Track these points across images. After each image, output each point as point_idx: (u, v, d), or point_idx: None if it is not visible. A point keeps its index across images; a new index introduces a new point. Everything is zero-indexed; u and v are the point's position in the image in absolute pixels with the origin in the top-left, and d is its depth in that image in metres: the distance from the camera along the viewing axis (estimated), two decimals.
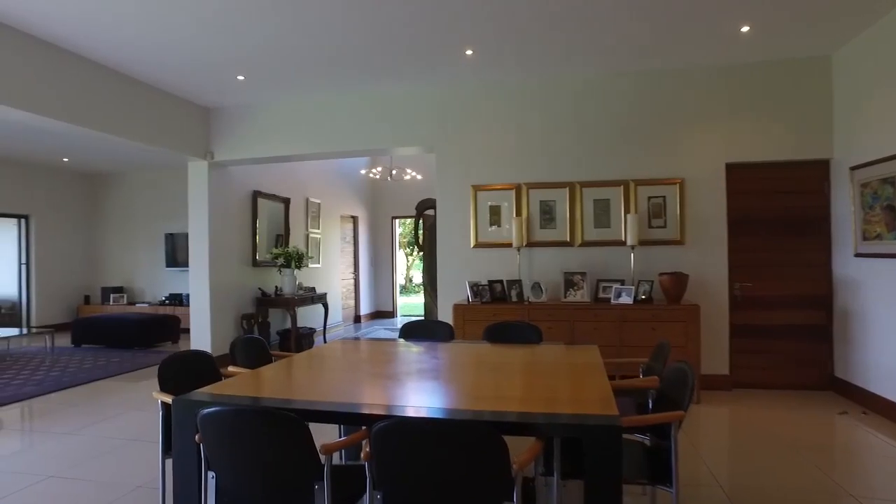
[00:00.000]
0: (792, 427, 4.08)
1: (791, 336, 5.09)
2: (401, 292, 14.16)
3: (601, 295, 5.21)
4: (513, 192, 5.57)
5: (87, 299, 10.42)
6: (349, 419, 2.01)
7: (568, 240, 5.43)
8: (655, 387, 2.45)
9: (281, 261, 7.00)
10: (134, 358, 7.09)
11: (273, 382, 2.47)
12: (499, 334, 3.65)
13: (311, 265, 8.56)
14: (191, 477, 2.06)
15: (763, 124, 5.04)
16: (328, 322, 8.72)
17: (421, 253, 7.48)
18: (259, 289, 7.16)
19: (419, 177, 9.67)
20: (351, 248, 10.62)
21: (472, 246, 5.65)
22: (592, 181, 5.38)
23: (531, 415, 1.87)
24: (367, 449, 1.67)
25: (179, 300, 9.75)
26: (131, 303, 10.16)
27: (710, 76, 5.14)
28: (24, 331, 7.77)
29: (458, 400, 2.15)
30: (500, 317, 5.08)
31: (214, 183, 6.41)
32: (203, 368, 2.71)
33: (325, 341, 8.10)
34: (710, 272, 5.12)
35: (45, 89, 4.44)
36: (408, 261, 19.71)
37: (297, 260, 7.08)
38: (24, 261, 9.75)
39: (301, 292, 7.40)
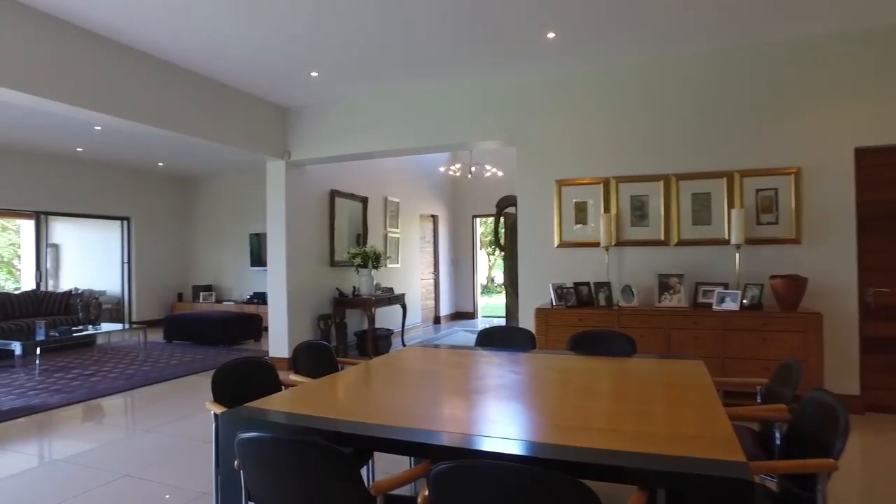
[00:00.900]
0: None
1: None
2: (482, 293, 13.87)
3: (700, 300, 4.65)
4: (600, 187, 5.11)
5: (179, 297, 10.91)
6: (407, 449, 1.72)
7: (662, 238, 4.90)
8: (784, 419, 1.98)
9: (358, 260, 6.89)
10: (217, 355, 7.23)
11: (330, 397, 2.23)
12: (586, 344, 3.25)
13: (389, 265, 8.44)
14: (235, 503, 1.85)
15: None
16: (406, 323, 8.56)
17: (502, 253, 7.14)
18: (336, 289, 7.09)
19: (500, 173, 9.32)
20: (431, 248, 10.45)
21: (555, 245, 5.25)
22: (690, 173, 4.82)
23: (629, 455, 1.50)
24: (426, 492, 1.37)
25: (263, 299, 9.96)
26: (219, 301, 10.52)
27: (833, 46, 4.44)
28: (124, 326, 8.15)
29: (539, 429, 1.80)
30: (586, 322, 4.66)
31: (292, 182, 6.39)
32: (262, 376, 2.53)
33: (403, 343, 7.94)
34: (834, 275, 4.43)
35: (130, 93, 4.51)
36: (489, 260, 19.38)
37: (374, 260, 6.94)
38: (125, 260, 10.34)
39: (379, 293, 7.27)
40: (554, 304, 4.94)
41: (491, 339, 3.53)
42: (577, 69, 5.16)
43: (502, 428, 1.83)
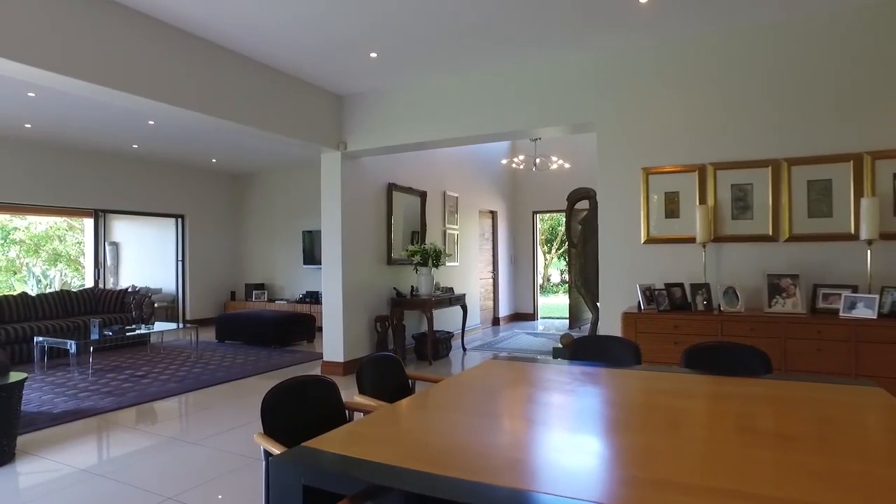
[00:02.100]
0: None
1: None
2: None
3: (820, 304, 3.96)
4: (695, 175, 4.48)
5: (232, 295, 10.78)
6: None
7: (770, 233, 4.24)
8: None
9: (417, 259, 6.45)
10: (269, 357, 6.94)
11: (414, 434, 1.75)
12: (706, 359, 2.68)
13: (448, 263, 7.98)
14: None
15: None
16: (466, 325, 8.10)
17: (565, 251, 6.57)
18: (394, 289, 6.67)
19: (567, 165, 8.71)
20: (489, 246, 9.93)
21: (642, 242, 4.65)
22: (805, 157, 4.14)
23: None
24: None
25: (316, 298, 9.69)
26: (271, 300, 10.32)
27: None
28: (178, 326, 8.00)
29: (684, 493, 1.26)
30: (682, 329, 4.06)
31: (347, 175, 6.00)
32: (321, 399, 2.09)
33: (463, 347, 7.46)
34: None
35: (183, 80, 4.19)
36: (545, 259, 18.68)
37: (434, 258, 6.49)
38: (180, 258, 10.27)
39: (438, 293, 6.82)
40: (643, 307, 4.35)
41: (586, 350, 2.99)
42: (668, 39, 4.54)
43: (630, 487, 1.29)
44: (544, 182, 10.46)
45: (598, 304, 6.10)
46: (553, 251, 18.14)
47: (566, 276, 21.25)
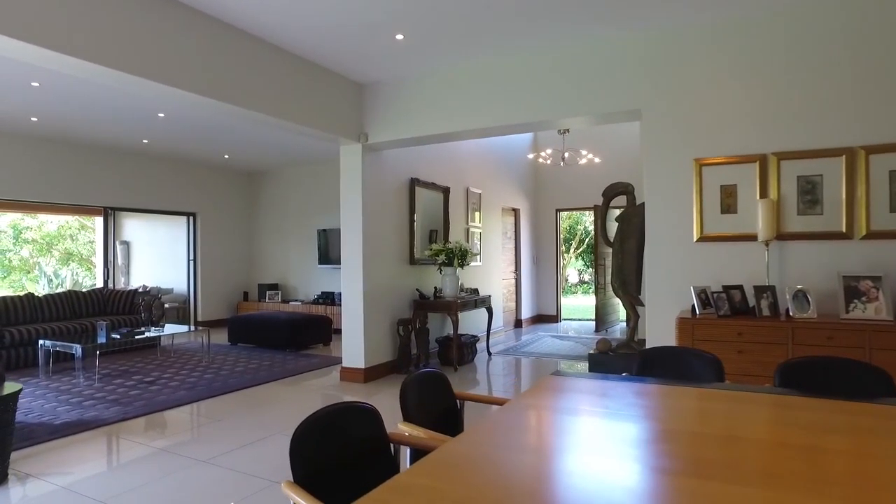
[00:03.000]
0: None
1: None
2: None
3: None
4: (754, 166, 4.05)
5: (245, 296, 10.45)
6: None
7: (843, 230, 3.80)
8: None
9: (442, 258, 6.05)
10: (285, 361, 6.58)
11: (485, 490, 1.35)
12: (806, 377, 2.26)
13: (471, 263, 7.58)
14: None
15: None
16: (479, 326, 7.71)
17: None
18: (416, 290, 6.29)
19: (597, 159, 8.28)
20: (512, 245, 9.52)
21: (694, 240, 4.22)
22: (885, 143, 3.70)
23: None
24: None
25: (331, 299, 9.33)
26: (285, 301, 9.97)
27: None
28: (189, 328, 7.67)
29: None
30: (747, 337, 3.63)
31: (368, 169, 5.62)
32: (361, 431, 1.69)
33: (488, 351, 7.06)
34: None
35: (193, 62, 3.82)
36: (563, 259, 18.22)
37: (460, 257, 6.09)
38: (191, 258, 9.96)
39: (463, 294, 6.42)
40: (698, 312, 3.92)
41: (656, 364, 2.58)
42: (726, 15, 4.11)
43: None
44: (568, 178, 10.03)
45: (636, 306, 5.69)
46: (571, 251, 17.67)
47: (584, 277, 20.79)
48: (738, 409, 1.90)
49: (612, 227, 6.22)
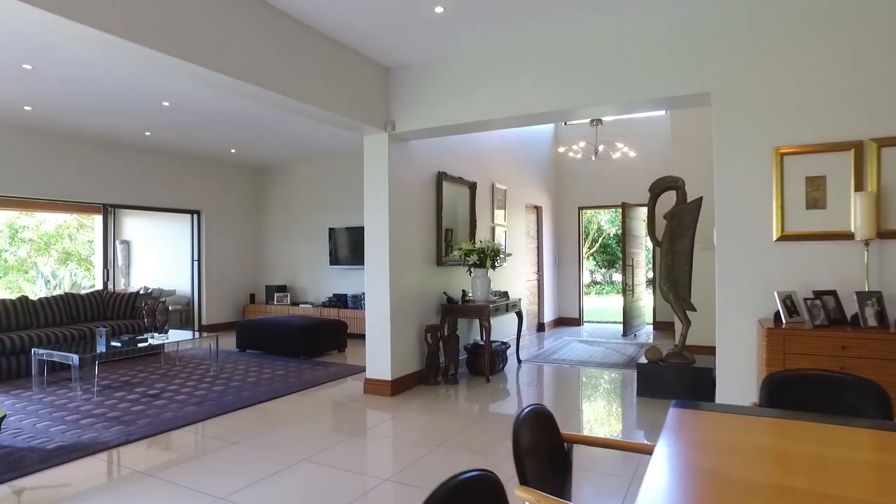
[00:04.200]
0: None
1: None
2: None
3: None
4: (849, 155, 3.54)
5: (252, 298, 9.95)
6: None
7: None
8: None
9: (474, 258, 5.54)
10: (300, 371, 6.07)
11: None
12: None
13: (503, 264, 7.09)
14: None
15: None
16: (510, 333, 7.22)
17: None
18: (444, 293, 5.78)
19: (632, 153, 7.76)
20: (534, 244, 9.01)
21: (773, 239, 3.72)
22: None
23: None
24: None
25: (343, 301, 8.82)
26: (294, 303, 9.46)
27: None
28: (193, 334, 7.18)
29: None
30: (852, 351, 3.14)
31: (395, 161, 5.12)
32: None
33: (518, 359, 6.55)
34: None
35: (205, 33, 3.30)
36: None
37: (492, 257, 5.58)
38: (195, 258, 9.45)
39: (494, 298, 5.90)
40: (784, 320, 3.42)
41: (796, 391, 2.06)
42: None
43: None
44: (592, 174, 9.54)
45: (687, 311, 5.19)
46: (586, 249, 17.18)
47: (596, 277, 20.29)
48: None
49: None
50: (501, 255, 5.72)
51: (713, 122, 3.92)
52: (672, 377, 4.95)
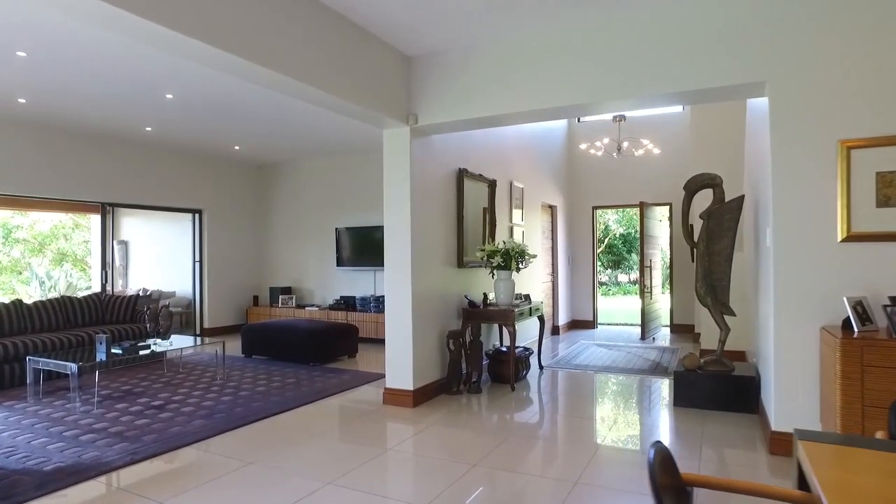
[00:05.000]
0: None
1: None
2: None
3: None
4: None
5: (255, 300, 9.60)
6: None
7: None
8: None
9: (498, 260, 5.22)
10: (312, 378, 5.74)
11: None
12: None
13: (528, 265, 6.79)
14: None
15: None
16: (530, 337, 6.93)
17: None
18: (465, 297, 5.46)
19: (656, 150, 7.47)
20: (549, 245, 8.71)
21: (838, 239, 3.42)
22: None
23: None
24: None
25: (351, 304, 8.50)
26: (300, 305, 9.12)
27: None
28: (197, 339, 6.86)
29: None
30: None
31: (417, 157, 4.80)
32: None
33: (540, 365, 6.24)
34: None
35: (223, 15, 2.98)
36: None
37: (517, 259, 5.27)
38: (197, 258, 9.10)
39: (518, 301, 5.59)
40: (857, 329, 3.12)
41: None
42: None
43: None
44: (607, 173, 9.25)
45: (725, 316, 4.89)
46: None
47: (602, 278, 20.00)
48: None
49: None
50: (527, 257, 5.41)
51: (769, 114, 3.61)
52: (711, 386, 4.65)
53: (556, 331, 8.84)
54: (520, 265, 5.37)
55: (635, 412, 4.72)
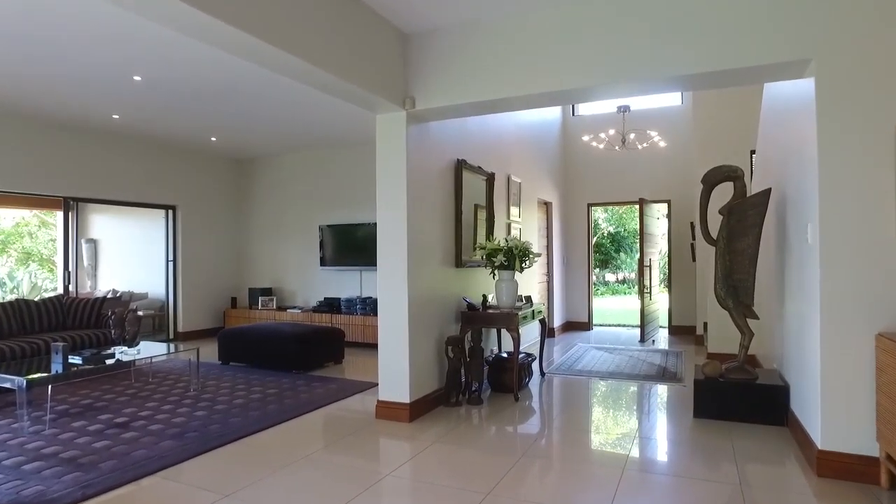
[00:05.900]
0: None
1: None
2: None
3: None
4: None
5: (233, 302, 9.04)
6: None
7: None
8: None
9: (500, 259, 4.78)
10: (296, 388, 5.24)
11: None
12: None
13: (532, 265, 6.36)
14: None
15: None
16: (530, 340, 6.52)
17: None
18: (464, 299, 5.01)
19: (662, 143, 7.11)
20: (545, 243, 8.31)
21: (895, 235, 3.05)
22: None
23: None
24: None
25: (336, 306, 8.00)
26: (281, 308, 8.60)
27: None
28: (169, 346, 6.33)
29: None
30: None
31: (413, 145, 4.33)
32: None
33: (542, 371, 5.82)
34: None
35: None
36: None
37: (521, 258, 4.84)
38: (170, 258, 8.52)
39: (520, 304, 5.16)
40: None
41: None
42: None
43: None
44: (604, 168, 8.90)
45: (748, 320, 4.52)
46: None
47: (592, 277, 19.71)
48: None
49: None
50: (531, 256, 4.98)
51: (815, 97, 3.22)
52: (735, 396, 4.27)
53: (551, 333, 8.44)
54: (524, 265, 4.93)
55: (654, 424, 4.32)
